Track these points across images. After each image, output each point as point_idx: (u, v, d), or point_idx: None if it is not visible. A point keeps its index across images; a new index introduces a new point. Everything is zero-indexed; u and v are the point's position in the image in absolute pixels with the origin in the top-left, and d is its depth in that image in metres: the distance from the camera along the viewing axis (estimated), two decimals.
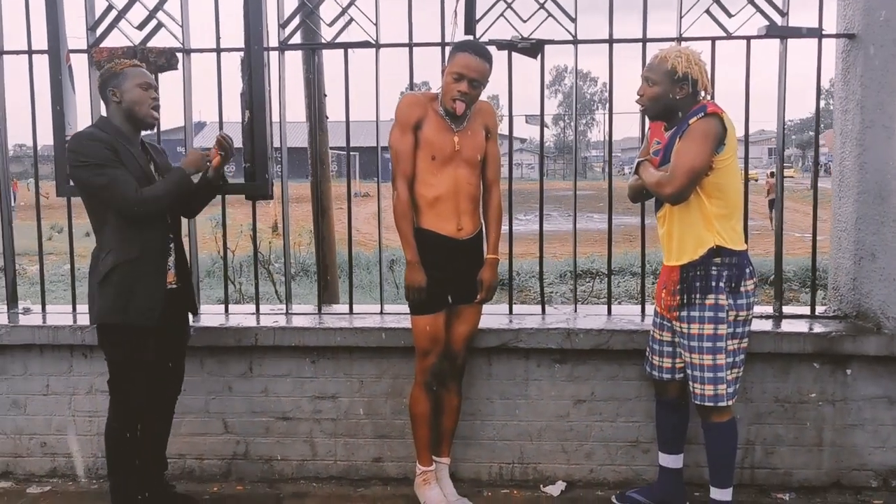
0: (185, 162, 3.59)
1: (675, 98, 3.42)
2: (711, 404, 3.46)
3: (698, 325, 3.44)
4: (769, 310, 4.30)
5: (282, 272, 10.03)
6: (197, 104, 4.42)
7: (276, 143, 4.33)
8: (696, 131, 3.33)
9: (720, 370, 3.43)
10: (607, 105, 4.50)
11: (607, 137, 4.54)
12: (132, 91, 3.47)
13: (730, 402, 3.47)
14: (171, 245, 3.64)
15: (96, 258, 3.52)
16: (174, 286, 3.66)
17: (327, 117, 7.80)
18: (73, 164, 3.44)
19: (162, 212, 3.54)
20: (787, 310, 4.31)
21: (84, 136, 3.44)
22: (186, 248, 3.91)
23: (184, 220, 3.97)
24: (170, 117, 4.30)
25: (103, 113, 3.61)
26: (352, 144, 4.26)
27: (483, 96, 3.70)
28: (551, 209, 27.63)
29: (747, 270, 3.45)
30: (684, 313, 3.47)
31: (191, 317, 3.95)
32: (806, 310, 4.33)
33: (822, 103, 4.39)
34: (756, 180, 36.31)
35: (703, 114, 3.33)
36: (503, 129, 4.40)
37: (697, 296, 3.42)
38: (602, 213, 25.80)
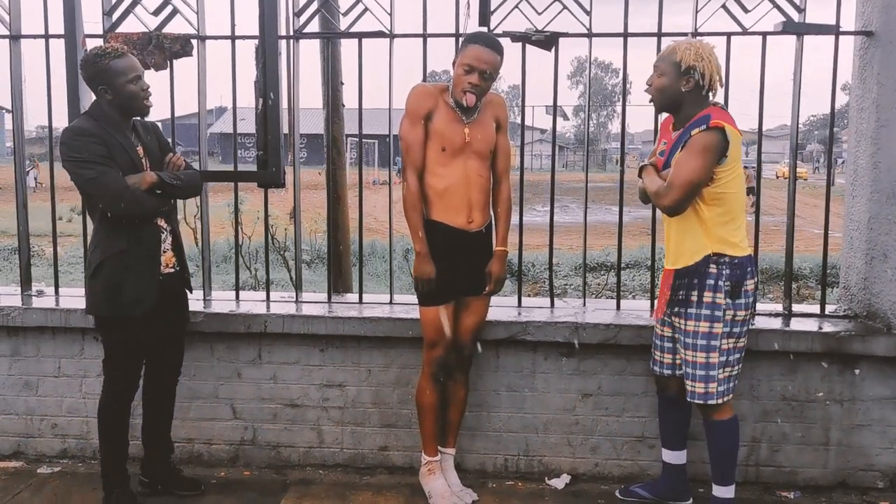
0: (133, 179, 3.49)
1: (681, 90, 3.40)
2: (701, 402, 3.47)
3: (694, 322, 3.44)
4: (779, 308, 4.28)
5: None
6: (219, 89, 4.45)
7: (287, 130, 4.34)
8: (696, 144, 3.30)
9: (712, 368, 3.44)
10: (623, 98, 4.48)
11: (622, 131, 4.52)
12: (124, 88, 3.47)
13: (720, 401, 3.47)
14: (167, 229, 3.67)
15: (89, 251, 3.60)
16: (172, 270, 3.71)
17: (343, 105, 7.82)
18: (64, 158, 3.46)
19: (145, 215, 3.55)
20: (796, 308, 4.29)
21: (75, 131, 3.45)
22: (198, 232, 3.94)
23: (191, 203, 4.00)
24: (186, 102, 4.32)
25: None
26: (371, 132, 4.27)
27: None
28: (570, 201, 27.55)
29: (749, 271, 3.43)
30: (682, 310, 3.47)
31: (195, 303, 3.98)
32: (817, 308, 4.31)
33: (846, 99, 4.35)
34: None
35: (705, 126, 3.30)
36: (518, 119, 4.39)
37: (695, 293, 3.41)
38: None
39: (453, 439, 3.97)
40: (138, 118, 3.65)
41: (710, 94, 3.43)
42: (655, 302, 3.77)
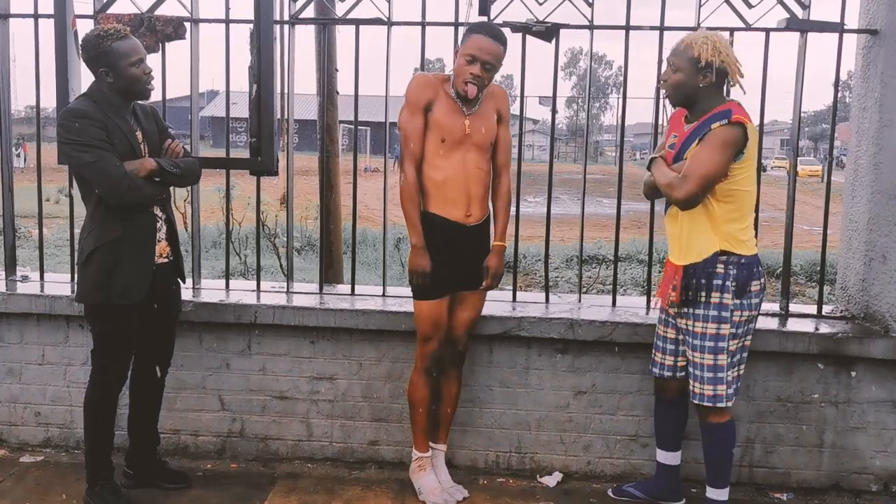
0: (132, 166, 3.39)
1: (698, 86, 3.32)
2: (710, 405, 3.42)
3: (702, 323, 3.38)
4: (775, 307, 4.23)
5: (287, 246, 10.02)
6: (210, 72, 4.35)
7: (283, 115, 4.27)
8: (716, 138, 3.23)
9: (720, 370, 3.39)
10: (622, 91, 4.40)
11: (620, 122, 4.46)
12: (125, 71, 3.36)
13: (729, 403, 3.43)
14: (163, 217, 3.59)
15: (81, 238, 3.49)
16: (166, 260, 3.63)
17: (338, 92, 7.73)
18: (61, 141, 3.36)
19: (143, 202, 3.46)
20: (793, 308, 4.25)
21: (74, 113, 3.35)
22: (188, 217, 3.85)
23: (181, 191, 3.91)
24: (178, 85, 4.24)
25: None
26: (363, 119, 4.20)
27: (496, 76, 3.62)
28: (561, 192, 27.51)
29: (755, 271, 3.38)
30: (689, 311, 3.41)
31: (184, 291, 3.89)
32: (812, 308, 4.28)
33: (838, 94, 4.30)
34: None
35: (727, 120, 3.23)
36: (515, 109, 4.31)
37: (703, 294, 3.36)
38: (611, 198, 25.62)
39: (445, 435, 3.91)
40: (138, 101, 3.55)
41: (728, 87, 3.36)
42: (654, 296, 3.70)
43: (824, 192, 4.23)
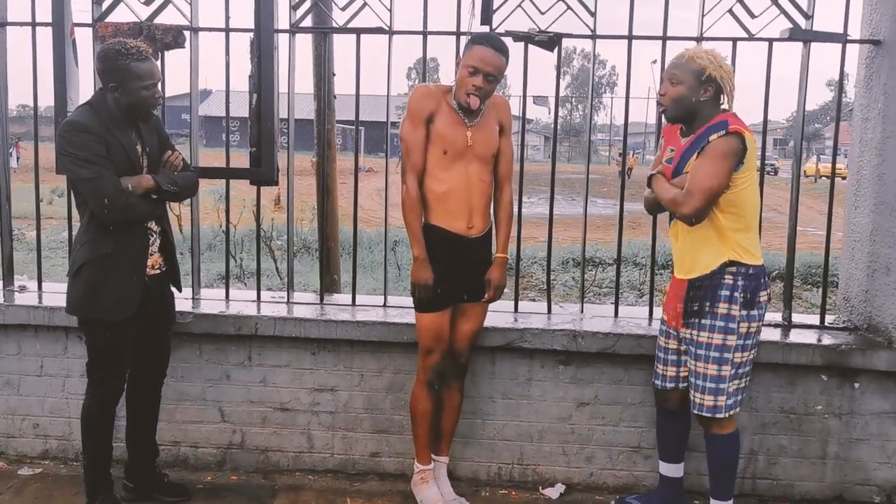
0: (129, 182, 3.36)
1: (699, 100, 3.31)
2: (710, 415, 3.41)
3: (708, 333, 3.37)
4: (778, 318, 4.22)
5: (283, 249, 10.00)
6: (204, 71, 4.30)
7: (283, 115, 4.24)
8: (716, 150, 3.22)
9: (722, 381, 3.37)
10: (627, 94, 4.34)
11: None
12: (136, 93, 3.32)
13: (728, 414, 3.41)
14: (157, 230, 3.56)
15: (74, 247, 3.48)
16: (159, 271, 3.59)
17: (335, 97, 7.69)
18: (60, 152, 3.32)
19: (137, 220, 3.44)
20: (796, 319, 4.24)
21: (77, 126, 3.30)
22: (186, 222, 3.81)
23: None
24: (175, 85, 4.20)
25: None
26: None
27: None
28: (555, 192, 27.50)
29: (762, 282, 3.37)
30: (695, 321, 3.39)
31: (184, 302, 3.86)
32: (815, 318, 4.26)
33: (831, 95, 4.29)
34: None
35: (724, 131, 3.22)
36: (515, 111, 4.28)
37: (709, 304, 3.34)
38: (605, 199, 25.59)
39: (447, 447, 3.89)
40: None
41: (725, 102, 3.35)
42: (661, 309, 3.68)
43: (816, 190, 4.22)
